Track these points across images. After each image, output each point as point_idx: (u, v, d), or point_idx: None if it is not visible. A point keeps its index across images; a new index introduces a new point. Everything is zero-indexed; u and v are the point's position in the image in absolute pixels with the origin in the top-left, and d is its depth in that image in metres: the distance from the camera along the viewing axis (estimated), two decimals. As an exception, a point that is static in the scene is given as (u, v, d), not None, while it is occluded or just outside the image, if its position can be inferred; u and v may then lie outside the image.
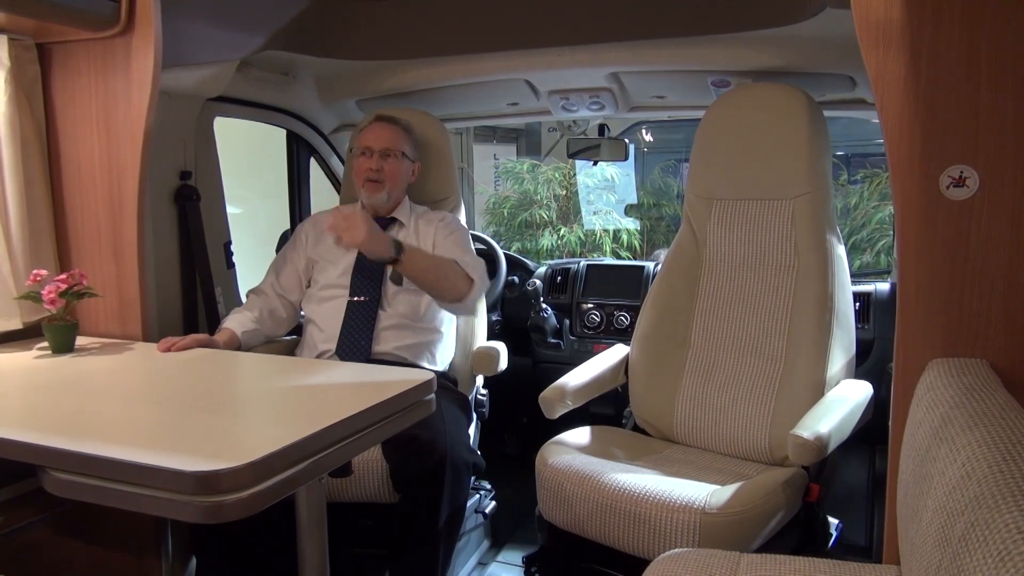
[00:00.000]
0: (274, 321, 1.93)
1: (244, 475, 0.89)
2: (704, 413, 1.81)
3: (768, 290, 1.80)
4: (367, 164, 1.94)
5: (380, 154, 1.94)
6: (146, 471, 0.90)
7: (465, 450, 1.67)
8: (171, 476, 0.88)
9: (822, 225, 1.75)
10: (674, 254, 1.93)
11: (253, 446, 0.94)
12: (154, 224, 1.88)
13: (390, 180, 1.95)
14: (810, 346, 1.68)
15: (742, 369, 1.79)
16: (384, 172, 1.94)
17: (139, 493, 0.91)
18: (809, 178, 1.76)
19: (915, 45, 1.18)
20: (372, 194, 1.94)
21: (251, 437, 1.04)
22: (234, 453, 0.91)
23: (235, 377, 1.44)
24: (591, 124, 2.53)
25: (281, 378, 1.39)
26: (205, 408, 1.17)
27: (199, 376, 1.39)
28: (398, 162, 1.96)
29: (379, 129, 1.97)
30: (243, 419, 1.15)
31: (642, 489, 1.46)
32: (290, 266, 1.99)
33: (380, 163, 1.93)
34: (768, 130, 1.79)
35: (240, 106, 2.19)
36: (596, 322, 2.44)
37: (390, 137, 1.96)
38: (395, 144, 1.96)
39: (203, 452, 0.94)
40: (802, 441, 1.41)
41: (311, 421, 1.04)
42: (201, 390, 1.30)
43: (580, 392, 1.80)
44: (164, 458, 0.91)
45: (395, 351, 1.85)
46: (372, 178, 1.94)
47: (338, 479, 1.60)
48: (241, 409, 1.22)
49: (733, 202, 1.87)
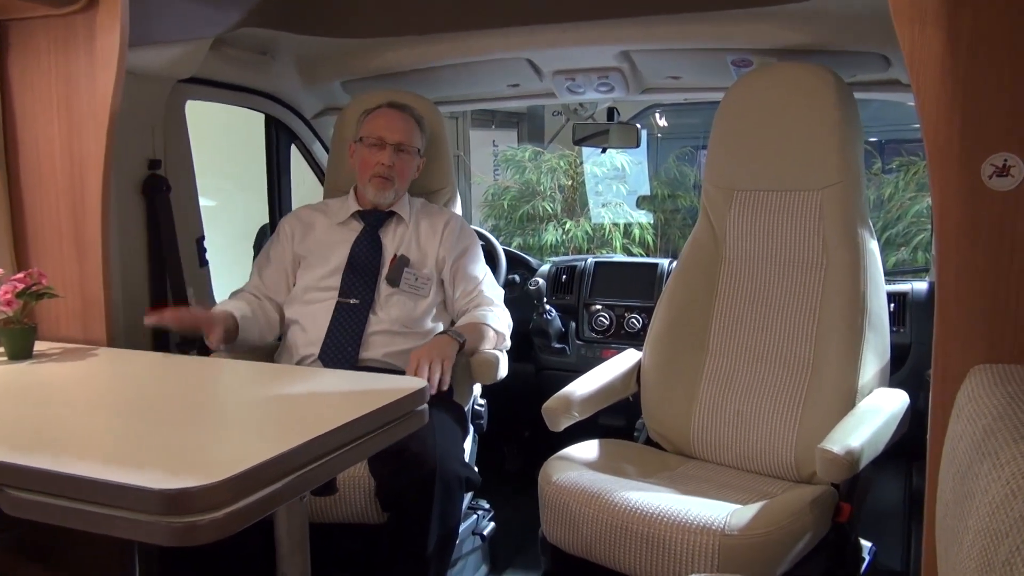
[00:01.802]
0: (266, 320, 1.93)
1: (218, 493, 0.89)
2: (724, 425, 1.81)
3: (794, 290, 1.80)
4: (379, 158, 1.94)
5: (394, 148, 1.94)
6: (110, 489, 0.90)
7: (458, 464, 1.68)
8: (138, 494, 0.88)
9: (853, 218, 1.75)
10: (690, 250, 1.93)
11: (229, 461, 0.94)
12: (120, 218, 1.88)
13: (399, 178, 1.96)
14: (840, 351, 1.68)
15: (765, 377, 1.79)
16: (395, 169, 1.94)
17: (103, 513, 0.91)
18: (839, 167, 1.76)
19: (954, 20, 1.18)
20: (380, 192, 1.95)
21: (226, 451, 1.04)
22: (208, 469, 0.92)
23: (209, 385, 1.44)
24: (599, 107, 2.54)
25: (259, 386, 1.40)
26: (176, 419, 1.17)
27: (169, 384, 1.39)
28: (410, 159, 1.98)
29: (393, 119, 1.97)
30: (218, 431, 1.15)
31: (656, 509, 1.46)
32: (275, 265, 1.99)
33: (393, 159, 1.94)
34: (794, 114, 1.79)
35: (214, 88, 2.19)
36: (605, 325, 2.44)
37: (406, 130, 1.97)
38: (410, 139, 1.97)
39: (173, 468, 0.94)
40: (831, 456, 1.41)
41: (292, 433, 1.04)
42: (171, 399, 1.30)
43: (587, 402, 1.80)
44: (130, 475, 0.91)
45: (384, 358, 1.85)
46: (382, 174, 1.94)
47: (322, 497, 1.60)
48: (215, 420, 1.22)
49: (755, 193, 1.87)
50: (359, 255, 1.93)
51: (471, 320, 1.91)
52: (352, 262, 1.92)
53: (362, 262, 1.92)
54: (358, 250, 1.94)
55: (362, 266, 1.92)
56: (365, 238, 1.96)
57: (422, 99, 2.15)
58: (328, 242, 1.97)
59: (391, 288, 1.90)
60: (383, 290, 1.90)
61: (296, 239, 2.00)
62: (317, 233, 2.00)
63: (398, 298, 1.90)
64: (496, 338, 1.94)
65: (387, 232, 1.98)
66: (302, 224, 2.02)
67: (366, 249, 1.94)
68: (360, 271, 1.91)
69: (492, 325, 1.93)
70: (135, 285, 1.95)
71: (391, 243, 1.97)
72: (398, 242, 1.97)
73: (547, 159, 6.24)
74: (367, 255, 1.94)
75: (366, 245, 1.95)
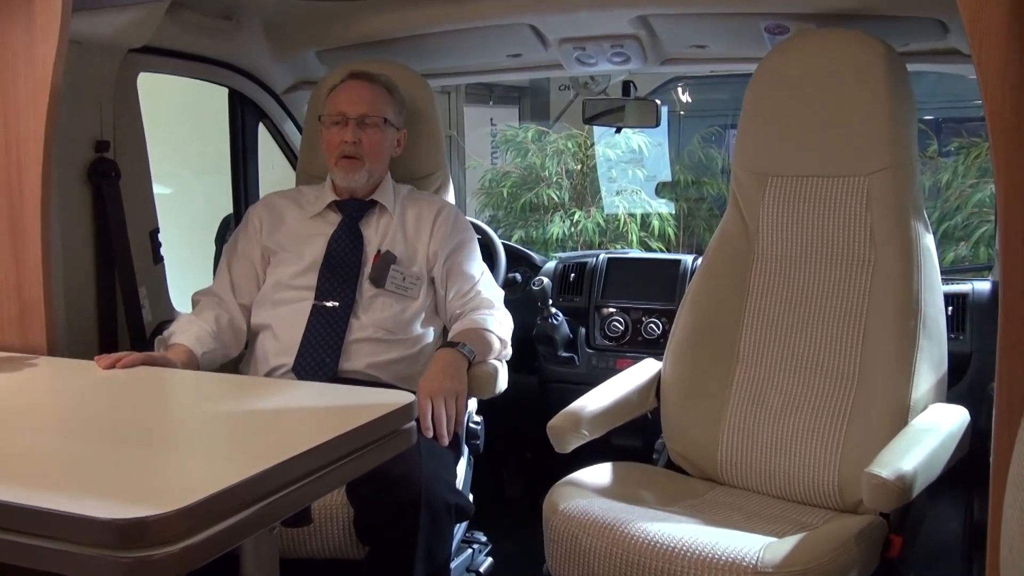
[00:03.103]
0: (233, 334, 1.93)
1: (176, 523, 0.89)
2: (756, 446, 1.81)
3: (837, 290, 1.80)
4: (341, 136, 1.93)
5: (357, 122, 1.93)
6: (53, 519, 0.90)
7: (447, 489, 1.68)
8: (84, 525, 0.88)
9: (905, 208, 1.75)
10: (718, 245, 1.93)
11: (188, 487, 0.94)
12: (63, 208, 1.88)
13: (370, 155, 1.95)
14: (890, 362, 1.68)
15: (804, 390, 1.79)
16: (363, 145, 1.94)
17: (44, 547, 0.91)
18: (888, 149, 1.76)
19: (1022, -19, 1.18)
20: (348, 174, 1.94)
21: (186, 476, 1.05)
22: (164, 496, 0.92)
23: (165, 400, 1.44)
24: (613, 81, 2.53)
25: (223, 401, 1.40)
26: (127, 439, 1.17)
27: (119, 399, 1.39)
28: (380, 132, 1.97)
29: (354, 90, 1.96)
30: (175, 453, 1.15)
31: (678, 542, 1.46)
32: (244, 261, 1.99)
33: (357, 134, 1.93)
34: (836, 89, 1.79)
35: (171, 59, 2.19)
36: (619, 331, 2.44)
37: (369, 100, 1.96)
38: (375, 108, 1.96)
39: (125, 494, 0.94)
40: (880, 482, 1.41)
41: (261, 455, 1.04)
42: (122, 416, 1.30)
43: (599, 419, 1.80)
44: (76, 502, 0.91)
45: (367, 370, 1.86)
46: (348, 153, 1.93)
47: (294, 529, 1.60)
48: (173, 441, 1.22)
49: (792, 179, 1.87)
50: (337, 251, 1.94)
51: (470, 326, 1.92)
52: (329, 259, 1.92)
53: (341, 259, 1.92)
54: (336, 245, 1.94)
55: (341, 263, 1.92)
56: (344, 231, 1.96)
57: (405, 70, 2.15)
58: (301, 235, 1.97)
59: (375, 289, 1.90)
60: (365, 291, 1.90)
61: (265, 231, 2.00)
62: (289, 225, 2.00)
63: (383, 300, 1.90)
64: (500, 346, 1.94)
65: (369, 224, 1.98)
66: (271, 214, 2.02)
67: (345, 244, 1.95)
68: (339, 269, 1.91)
69: (495, 331, 1.93)
70: (79, 285, 1.95)
71: (374, 237, 1.97)
72: (382, 235, 1.97)
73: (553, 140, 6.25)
74: (346, 251, 1.94)
75: (345, 239, 1.95)
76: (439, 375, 1.78)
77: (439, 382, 1.76)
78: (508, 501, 2.74)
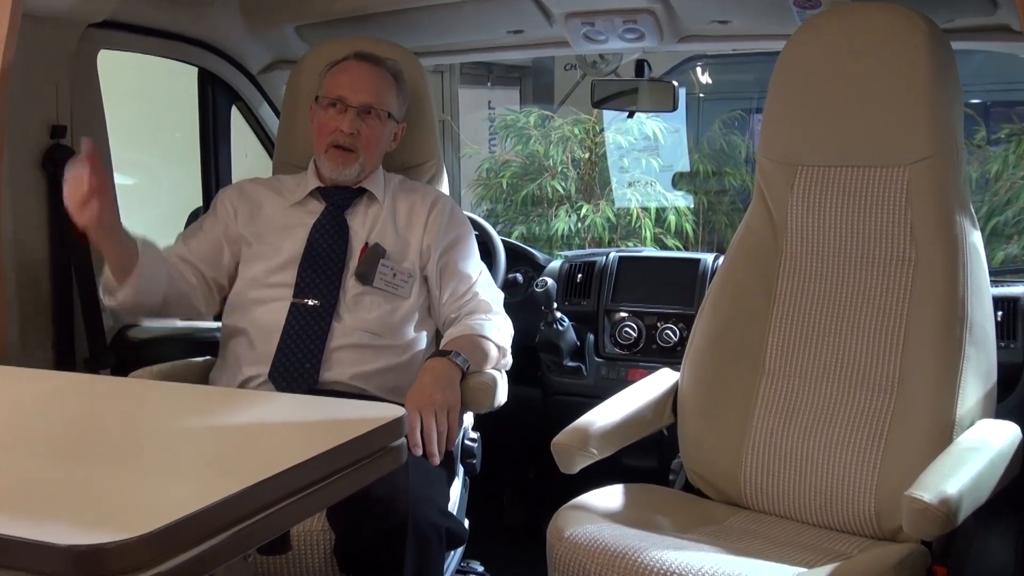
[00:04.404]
0: (174, 289, 1.89)
1: (140, 550, 0.89)
2: (784, 466, 1.81)
3: (873, 293, 1.81)
4: (337, 123, 1.93)
5: (359, 112, 1.93)
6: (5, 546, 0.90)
7: (437, 513, 1.68)
8: (38, 552, 0.89)
9: (950, 202, 1.75)
10: (741, 242, 1.94)
11: (153, 510, 0.94)
12: (14, 199, 1.88)
13: (366, 149, 1.95)
14: (933, 372, 1.68)
15: (837, 404, 1.79)
16: (361, 138, 1.94)
17: (-7, 576, 0.91)
18: (931, 136, 1.76)
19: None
20: (339, 167, 1.94)
21: (151, 498, 1.05)
22: (126, 520, 0.92)
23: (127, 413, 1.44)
24: (625, 60, 2.54)
25: (192, 415, 1.40)
26: (86, 457, 1.17)
27: (77, 412, 1.39)
28: (380, 125, 1.97)
29: (360, 73, 1.96)
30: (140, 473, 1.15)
31: (697, 573, 1.46)
32: (207, 235, 1.98)
33: (357, 125, 1.93)
34: (874, 69, 1.79)
35: (135, 35, 2.20)
36: (632, 338, 2.44)
37: (375, 88, 1.95)
38: (381, 99, 1.96)
39: (84, 519, 0.94)
40: (922, 506, 1.41)
41: (234, 476, 1.04)
42: (80, 431, 1.30)
43: (609, 436, 1.81)
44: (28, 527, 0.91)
45: (352, 380, 1.86)
46: (342, 144, 1.93)
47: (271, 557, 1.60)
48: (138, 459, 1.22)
49: (824, 169, 1.87)
50: (320, 243, 1.94)
51: (465, 332, 1.92)
52: (311, 252, 1.92)
53: (324, 252, 1.92)
54: (319, 236, 1.94)
55: (324, 257, 1.92)
56: (328, 221, 1.96)
57: (394, 48, 2.15)
58: (280, 226, 1.97)
59: (361, 286, 1.91)
60: (350, 288, 1.90)
61: (241, 220, 1.99)
62: (266, 214, 2.00)
63: (371, 299, 1.90)
64: (497, 355, 1.95)
65: (356, 214, 1.99)
66: (247, 201, 2.01)
67: (329, 235, 1.95)
68: (321, 264, 1.91)
69: (492, 338, 1.93)
70: (33, 284, 1.95)
71: (361, 228, 1.97)
72: (370, 227, 1.97)
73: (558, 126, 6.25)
74: (330, 243, 1.94)
75: (329, 230, 1.95)
76: (429, 387, 1.78)
77: (429, 394, 1.76)
78: (508, 527, 2.74)
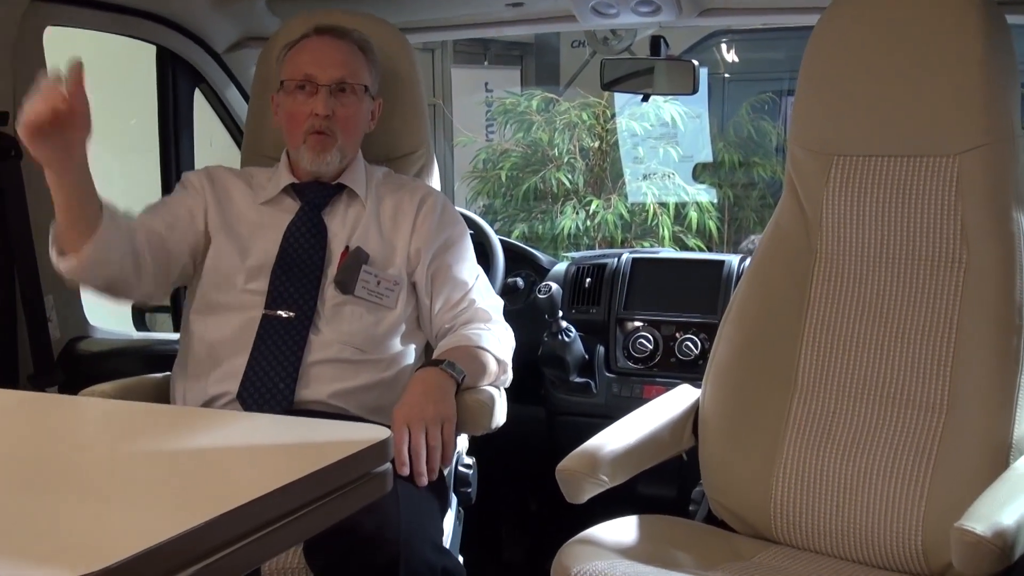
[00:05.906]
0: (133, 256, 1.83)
1: (95, 590, 0.90)
2: (818, 495, 1.81)
3: (920, 298, 1.81)
4: (310, 106, 1.93)
5: (331, 90, 1.94)
6: (-59, 584, 0.91)
7: (431, 549, 1.68)
8: (-20, 591, 0.89)
9: (1005, 195, 1.76)
10: (771, 241, 1.94)
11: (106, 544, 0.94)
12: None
13: (344, 131, 1.96)
14: (986, 388, 1.68)
15: (879, 425, 1.79)
16: (337, 119, 1.94)
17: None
18: (984, 122, 1.76)
19: None
20: (320, 154, 1.94)
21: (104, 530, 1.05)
22: (80, 554, 0.92)
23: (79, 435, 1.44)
24: (640, 36, 2.54)
25: (153, 437, 1.40)
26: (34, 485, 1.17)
27: (23, 434, 1.39)
28: (356, 101, 1.97)
29: (323, 48, 1.96)
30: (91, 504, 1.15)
31: (721, 615, 1.46)
32: (170, 208, 1.97)
33: (331, 105, 1.93)
34: (919, 47, 1.79)
35: (85, 9, 2.20)
36: (647, 350, 2.45)
37: (344, 61, 1.96)
38: (353, 73, 1.96)
39: (33, 553, 0.95)
40: (974, 539, 1.41)
41: (200, 505, 1.04)
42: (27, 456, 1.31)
43: (622, 462, 1.81)
44: (-33, 563, 0.92)
45: (331, 399, 1.86)
46: (320, 128, 1.93)
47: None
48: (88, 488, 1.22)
49: (864, 159, 1.88)
50: (295, 247, 1.94)
51: (460, 343, 1.92)
52: (285, 257, 1.92)
53: (299, 257, 1.93)
54: (293, 239, 1.95)
55: (299, 263, 1.92)
56: (303, 222, 1.97)
57: (379, 23, 2.15)
58: (250, 223, 1.98)
59: (341, 295, 1.91)
60: (329, 298, 1.91)
61: (210, 203, 1.97)
62: (236, 206, 2.00)
63: (352, 309, 1.91)
64: (497, 370, 1.95)
65: (335, 214, 1.99)
66: (215, 187, 2.01)
67: (305, 238, 1.95)
68: (296, 270, 1.91)
69: (491, 350, 1.93)
70: (-29, 291, 1.96)
71: (341, 230, 1.97)
72: (351, 228, 1.98)
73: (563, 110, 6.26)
74: (306, 247, 1.94)
75: (305, 232, 1.96)
76: (419, 397, 1.78)
77: (419, 406, 1.76)
78: (507, 564, 2.74)
